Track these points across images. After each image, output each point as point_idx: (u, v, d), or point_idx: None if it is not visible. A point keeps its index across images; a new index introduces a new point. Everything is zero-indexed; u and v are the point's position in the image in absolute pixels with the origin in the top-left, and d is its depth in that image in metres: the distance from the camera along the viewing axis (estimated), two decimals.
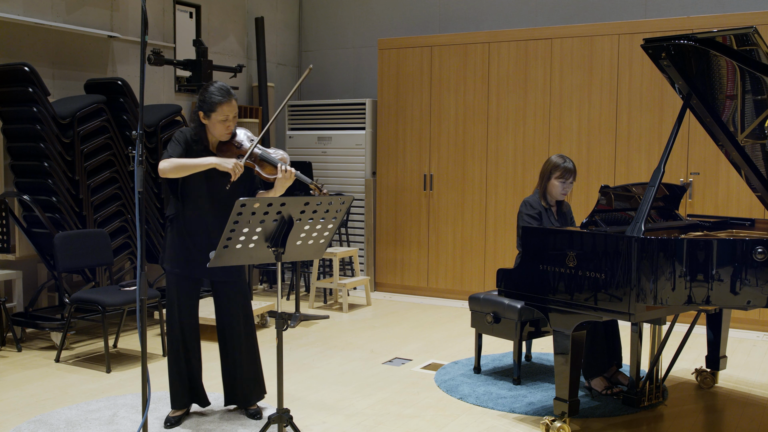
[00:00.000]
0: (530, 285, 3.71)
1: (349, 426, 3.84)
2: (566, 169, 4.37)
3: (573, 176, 4.39)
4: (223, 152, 3.63)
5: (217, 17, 7.37)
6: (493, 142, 6.86)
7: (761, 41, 3.39)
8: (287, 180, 3.56)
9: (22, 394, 4.27)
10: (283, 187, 3.59)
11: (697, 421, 3.98)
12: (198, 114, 3.59)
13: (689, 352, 5.07)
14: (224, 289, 3.78)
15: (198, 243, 3.66)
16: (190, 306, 3.77)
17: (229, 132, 3.61)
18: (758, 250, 3.12)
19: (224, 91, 3.55)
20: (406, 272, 7.36)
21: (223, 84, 3.60)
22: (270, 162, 3.58)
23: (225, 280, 3.75)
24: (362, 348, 5.37)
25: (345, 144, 7.57)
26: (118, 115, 5.82)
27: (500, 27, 7.24)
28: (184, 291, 3.73)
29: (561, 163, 4.37)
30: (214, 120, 3.55)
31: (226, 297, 3.78)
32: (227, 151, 3.64)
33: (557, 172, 4.37)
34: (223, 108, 3.53)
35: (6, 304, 5.26)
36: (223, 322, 3.82)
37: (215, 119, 3.55)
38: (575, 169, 4.41)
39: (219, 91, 3.54)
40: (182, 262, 3.69)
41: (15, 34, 5.59)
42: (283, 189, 3.60)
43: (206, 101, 3.54)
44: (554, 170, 4.38)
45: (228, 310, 3.79)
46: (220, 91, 3.54)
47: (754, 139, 3.82)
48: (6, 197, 5.37)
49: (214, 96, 3.53)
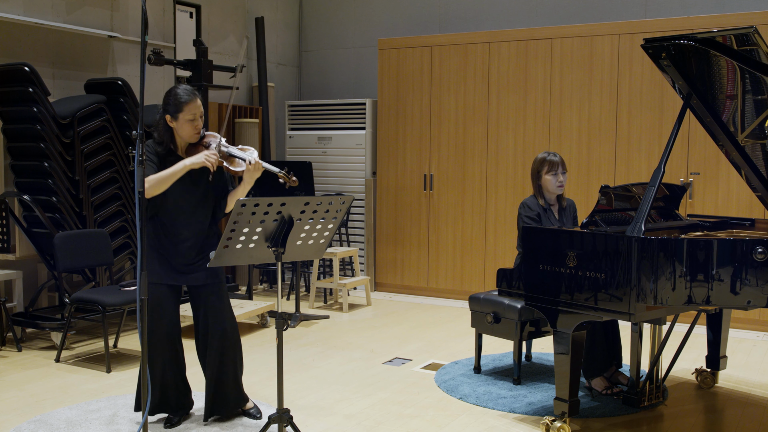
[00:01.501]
0: (530, 285, 3.71)
1: (349, 426, 3.84)
2: (552, 162, 4.40)
3: (563, 167, 4.42)
4: (193, 154, 3.63)
5: (217, 17, 7.37)
6: (493, 142, 6.86)
7: (761, 41, 3.39)
8: (255, 171, 3.57)
9: (22, 394, 4.27)
10: (252, 179, 3.60)
11: (697, 421, 3.98)
12: (164, 119, 3.59)
13: (689, 352, 5.07)
14: (203, 292, 3.73)
15: (175, 249, 3.64)
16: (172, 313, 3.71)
17: (197, 132, 3.61)
18: (758, 250, 3.12)
19: (189, 91, 3.59)
20: (406, 272, 7.37)
21: (187, 86, 3.65)
22: (237, 156, 3.61)
23: (203, 284, 3.70)
24: (362, 348, 5.37)
25: (345, 144, 7.57)
26: (118, 115, 5.82)
27: (500, 27, 7.24)
28: (164, 299, 3.67)
29: (546, 157, 4.42)
30: (182, 120, 3.56)
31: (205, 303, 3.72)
32: (196, 153, 3.63)
33: (545, 166, 4.41)
34: (189, 107, 3.55)
35: (6, 304, 5.26)
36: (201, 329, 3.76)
37: (183, 119, 3.56)
38: (562, 160, 4.45)
39: (185, 91, 3.58)
40: (160, 270, 3.65)
41: (15, 34, 5.59)
42: (252, 181, 3.61)
43: (172, 103, 3.56)
44: (542, 166, 4.42)
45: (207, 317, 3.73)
46: (186, 91, 3.59)
47: (754, 139, 3.82)
48: (6, 197, 5.37)
49: (181, 96, 3.56)
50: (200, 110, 3.60)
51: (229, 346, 3.76)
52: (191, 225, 3.65)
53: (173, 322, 3.72)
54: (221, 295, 3.77)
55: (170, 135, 3.63)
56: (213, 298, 3.73)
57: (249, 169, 3.56)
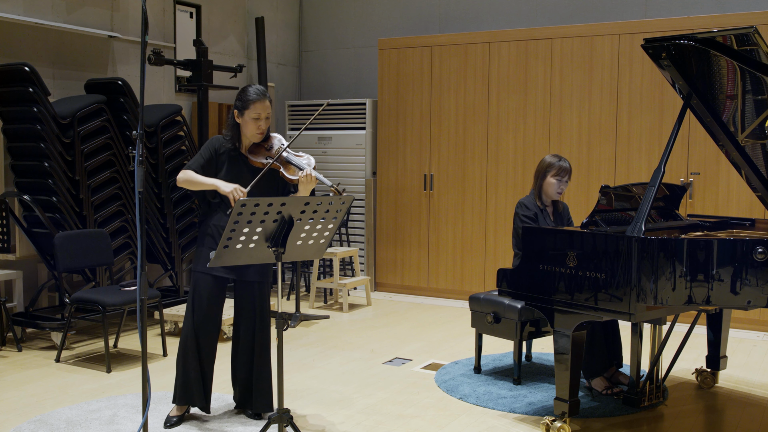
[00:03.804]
0: (530, 285, 3.71)
1: (349, 426, 3.84)
2: (561, 167, 4.38)
3: (568, 175, 4.41)
4: (254, 154, 3.76)
5: (217, 17, 7.37)
6: (493, 142, 6.86)
7: (761, 41, 3.39)
8: (309, 183, 3.63)
9: (22, 394, 4.27)
10: (307, 190, 3.66)
11: (697, 421, 3.98)
12: (233, 113, 3.73)
13: (689, 352, 5.07)
14: (249, 289, 3.79)
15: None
16: (217, 307, 3.77)
17: (260, 132, 3.71)
18: (758, 250, 3.12)
19: (260, 91, 3.71)
20: (406, 272, 7.37)
21: (261, 87, 3.76)
22: (294, 164, 3.71)
23: (253, 280, 3.76)
24: (362, 348, 5.37)
25: (345, 144, 7.58)
26: (118, 115, 5.82)
27: (500, 27, 7.24)
28: (212, 292, 3.73)
29: (556, 162, 4.39)
30: (247, 118, 3.68)
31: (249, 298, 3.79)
32: (258, 153, 3.76)
33: (553, 170, 4.38)
34: (256, 105, 3.66)
35: (6, 304, 5.26)
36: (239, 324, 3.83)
37: (248, 117, 3.68)
38: (571, 168, 4.42)
39: (255, 90, 3.71)
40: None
41: (15, 34, 5.59)
42: (307, 191, 3.67)
43: (242, 99, 3.70)
44: (550, 168, 4.39)
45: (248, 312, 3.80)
46: (256, 91, 3.71)
47: (754, 139, 3.82)
48: (6, 197, 5.37)
49: (250, 94, 3.68)
50: (267, 111, 3.70)
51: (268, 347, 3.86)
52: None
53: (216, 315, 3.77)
54: (267, 295, 3.85)
55: (237, 131, 3.75)
56: (260, 296, 3.80)
57: (302, 181, 3.62)
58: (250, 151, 3.76)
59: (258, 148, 3.78)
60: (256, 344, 3.82)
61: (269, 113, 3.71)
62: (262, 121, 3.68)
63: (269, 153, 3.78)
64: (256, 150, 3.78)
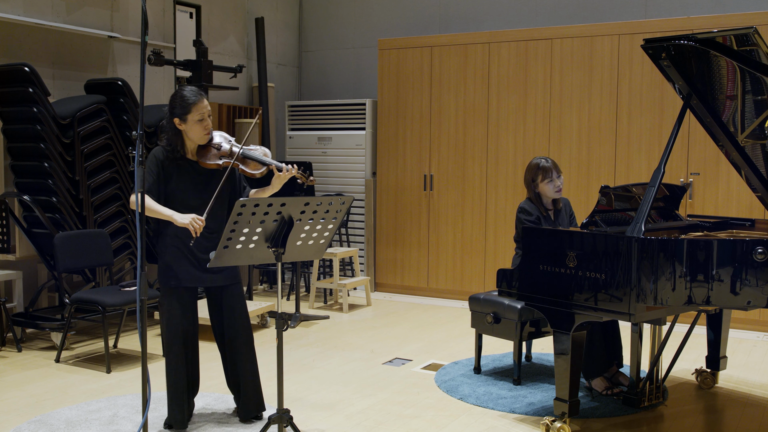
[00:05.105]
0: (530, 285, 3.71)
1: (349, 426, 3.84)
2: (545, 168, 4.38)
3: (557, 171, 4.40)
4: (204, 156, 3.62)
5: (217, 17, 7.37)
6: (493, 142, 6.86)
7: (761, 41, 3.39)
8: (287, 178, 3.59)
9: (22, 394, 4.27)
10: (281, 184, 3.62)
11: (697, 422, 3.98)
12: (173, 122, 3.56)
13: (689, 352, 5.07)
14: (222, 294, 3.74)
15: (191, 251, 3.62)
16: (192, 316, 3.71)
17: (207, 132, 3.59)
18: (758, 251, 3.12)
19: (195, 91, 3.58)
20: (406, 272, 7.36)
21: (192, 86, 3.64)
22: (254, 159, 3.61)
23: (222, 285, 3.71)
24: (362, 348, 5.37)
25: (345, 144, 7.57)
26: (118, 115, 5.82)
27: (500, 27, 7.24)
28: (183, 302, 3.66)
29: (539, 163, 4.40)
30: (192, 121, 3.54)
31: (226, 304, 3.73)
32: (208, 155, 3.62)
33: (539, 175, 4.39)
34: (198, 106, 3.53)
35: (6, 304, 5.26)
36: (222, 331, 3.78)
37: (192, 120, 3.53)
38: (555, 163, 4.42)
39: (191, 92, 3.57)
40: (178, 273, 3.63)
41: (15, 34, 5.59)
42: (280, 186, 3.63)
43: (180, 105, 3.54)
44: (536, 175, 4.40)
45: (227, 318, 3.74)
46: (192, 92, 3.57)
47: (754, 140, 3.82)
48: (6, 197, 5.37)
49: (188, 98, 3.54)
50: (208, 110, 3.58)
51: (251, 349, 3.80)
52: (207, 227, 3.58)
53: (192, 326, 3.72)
54: (240, 298, 3.77)
55: (179, 138, 3.59)
56: (233, 300, 3.73)
57: (280, 176, 3.57)
58: (199, 155, 3.62)
59: (206, 150, 3.63)
60: (238, 347, 3.74)
61: (210, 111, 3.59)
62: (206, 120, 3.56)
63: (221, 152, 3.63)
64: (204, 152, 3.62)
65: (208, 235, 3.61)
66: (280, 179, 3.59)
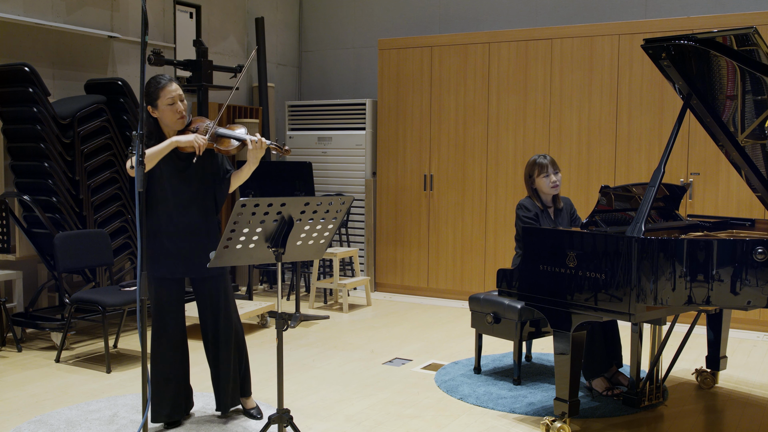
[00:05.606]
0: (530, 285, 3.71)
1: (349, 426, 3.84)
2: (541, 164, 4.42)
3: (554, 167, 4.43)
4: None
5: (217, 17, 7.37)
6: (493, 142, 6.86)
7: (761, 41, 3.39)
8: (260, 150, 3.57)
9: (22, 394, 4.27)
10: (257, 157, 3.60)
11: (697, 422, 3.98)
12: (147, 111, 3.60)
13: (689, 352, 5.07)
14: (206, 286, 3.74)
15: (172, 241, 3.63)
16: (177, 309, 3.72)
17: (181, 117, 3.60)
18: (758, 251, 3.12)
19: (165, 77, 3.60)
20: (406, 272, 7.37)
21: (165, 74, 3.66)
22: (226, 136, 3.60)
23: (209, 275, 3.70)
24: (362, 348, 5.37)
25: (345, 144, 7.57)
26: (118, 115, 5.82)
27: (500, 27, 7.24)
28: (168, 293, 3.68)
29: (536, 160, 4.45)
30: (163, 106, 3.56)
31: (208, 295, 3.74)
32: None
33: (535, 170, 4.43)
34: (166, 90, 3.55)
35: (6, 304, 5.26)
36: (206, 322, 3.78)
37: (163, 105, 3.56)
38: (553, 160, 4.45)
39: (158, 77, 3.60)
40: (161, 264, 3.64)
41: (15, 34, 5.59)
42: (257, 160, 3.61)
43: (150, 92, 3.58)
44: (532, 170, 4.45)
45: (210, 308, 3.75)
46: (160, 77, 3.60)
47: (754, 140, 3.82)
48: (6, 197, 5.37)
49: (157, 83, 3.57)
50: (178, 93, 3.58)
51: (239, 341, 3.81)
52: (190, 213, 3.62)
53: (179, 320, 3.73)
54: (227, 290, 3.78)
55: (156, 126, 3.63)
56: (218, 292, 3.74)
57: (255, 148, 3.55)
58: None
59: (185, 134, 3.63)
60: (220, 338, 3.76)
61: (182, 95, 3.60)
62: (177, 104, 3.57)
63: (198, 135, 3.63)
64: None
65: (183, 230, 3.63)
66: (253, 153, 3.57)
